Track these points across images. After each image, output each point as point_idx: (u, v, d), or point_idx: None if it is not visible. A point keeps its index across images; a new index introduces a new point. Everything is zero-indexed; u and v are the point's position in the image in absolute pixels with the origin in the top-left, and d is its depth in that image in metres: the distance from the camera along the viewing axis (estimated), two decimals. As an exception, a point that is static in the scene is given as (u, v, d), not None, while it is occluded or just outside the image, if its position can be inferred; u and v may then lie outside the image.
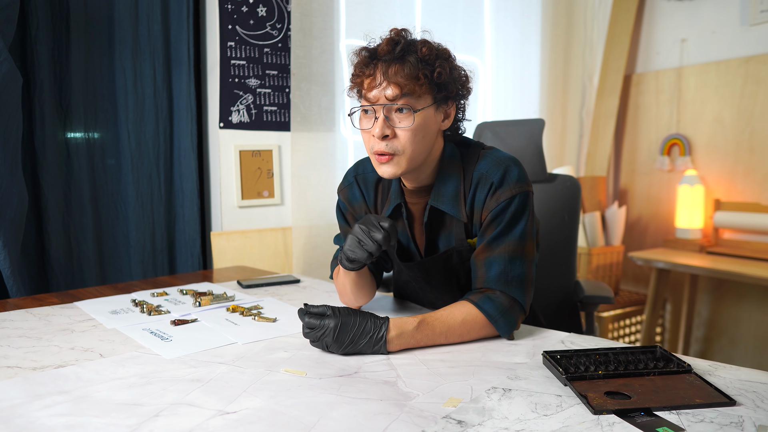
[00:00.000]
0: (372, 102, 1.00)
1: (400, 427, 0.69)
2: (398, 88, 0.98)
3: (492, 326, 1.02)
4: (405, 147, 1.00)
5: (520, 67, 2.92)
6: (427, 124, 1.02)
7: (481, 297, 1.03)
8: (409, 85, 0.98)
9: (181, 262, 2.02)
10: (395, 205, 1.13)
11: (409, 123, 0.99)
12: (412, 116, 0.99)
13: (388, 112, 1.00)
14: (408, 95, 0.98)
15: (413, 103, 0.99)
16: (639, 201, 3.18)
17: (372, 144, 1.02)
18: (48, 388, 0.80)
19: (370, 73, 1.00)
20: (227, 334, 1.06)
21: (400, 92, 0.98)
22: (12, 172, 1.51)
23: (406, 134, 1.00)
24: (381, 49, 0.99)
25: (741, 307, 2.75)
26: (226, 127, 2.05)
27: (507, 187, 1.04)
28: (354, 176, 1.21)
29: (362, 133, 1.05)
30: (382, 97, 0.99)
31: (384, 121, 0.99)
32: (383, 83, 0.98)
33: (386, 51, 0.99)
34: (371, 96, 1.00)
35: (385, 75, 0.98)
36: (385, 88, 0.98)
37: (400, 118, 1.00)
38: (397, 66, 0.98)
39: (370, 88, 1.00)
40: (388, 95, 0.98)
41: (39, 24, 1.68)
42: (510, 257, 1.04)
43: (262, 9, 2.08)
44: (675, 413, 0.72)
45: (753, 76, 2.67)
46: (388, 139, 1.00)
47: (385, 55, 0.99)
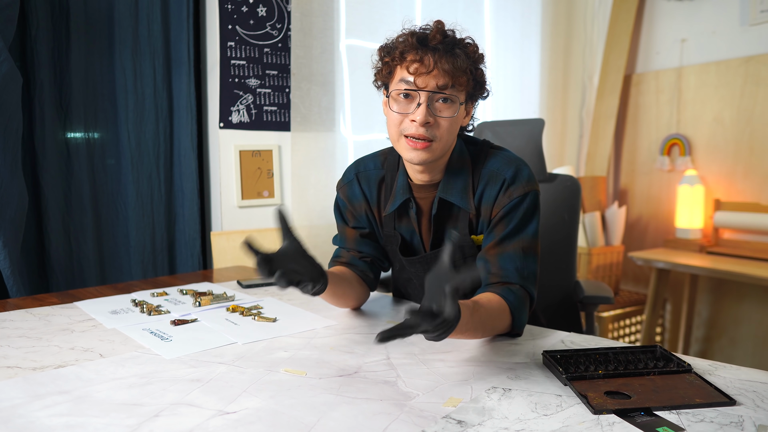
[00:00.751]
0: (420, 87, 1.00)
1: (400, 427, 0.69)
2: (449, 78, 0.99)
3: (509, 318, 1.01)
4: (443, 135, 1.02)
5: (520, 67, 2.92)
6: (460, 117, 1.05)
7: (502, 288, 1.03)
8: (458, 78, 0.99)
9: (181, 262, 2.02)
10: (404, 201, 1.12)
11: (452, 113, 1.01)
12: (457, 107, 1.01)
13: (430, 100, 1.00)
14: (454, 86, 1.00)
15: (456, 95, 1.01)
16: (639, 201, 3.18)
17: (406, 127, 1.02)
18: (48, 388, 0.80)
19: (417, 58, 1.00)
20: (227, 334, 1.06)
21: (450, 82, 0.99)
22: (12, 172, 1.51)
23: (446, 123, 1.01)
24: (432, 36, 1.00)
25: (741, 307, 2.75)
26: (226, 127, 2.05)
27: (520, 184, 1.06)
28: (355, 173, 1.20)
29: (394, 117, 1.04)
30: (432, 84, 0.99)
31: (427, 108, 0.99)
32: (434, 70, 0.99)
33: (438, 40, 1.00)
34: (419, 82, 1.00)
35: (437, 63, 0.99)
36: (435, 75, 0.99)
37: (442, 107, 1.01)
38: (449, 57, 0.99)
39: (418, 73, 1.00)
40: (439, 83, 0.99)
41: (39, 24, 1.68)
42: (524, 254, 1.05)
43: (262, 9, 2.08)
44: (675, 413, 0.72)
45: (753, 76, 2.67)
46: (429, 126, 1.01)
47: (437, 43, 1.00)
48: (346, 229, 1.23)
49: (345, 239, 1.23)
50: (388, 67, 1.05)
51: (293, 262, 0.93)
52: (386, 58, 1.04)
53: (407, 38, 1.02)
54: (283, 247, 0.94)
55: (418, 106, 1.00)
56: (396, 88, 1.03)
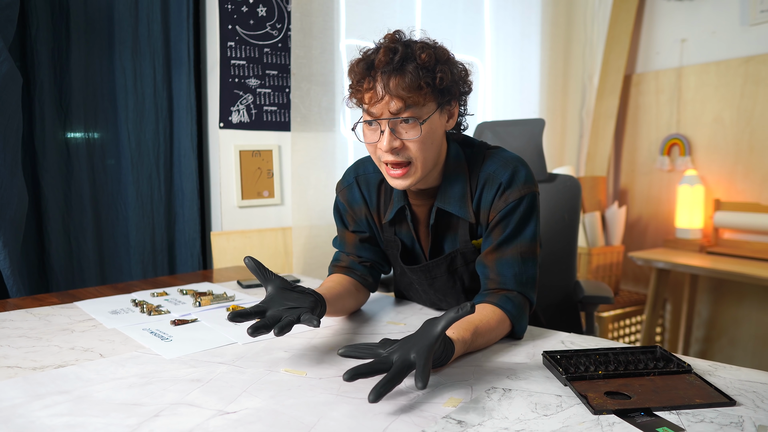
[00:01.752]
0: (376, 117, 0.97)
1: (400, 427, 0.69)
2: (401, 101, 0.94)
3: (510, 325, 1.01)
4: (416, 156, 0.98)
5: (520, 67, 2.92)
6: (434, 129, 1.00)
7: (500, 297, 1.02)
8: (412, 97, 0.94)
9: (181, 262, 2.02)
10: (399, 208, 1.11)
11: (416, 134, 0.97)
12: (419, 127, 0.96)
13: (394, 125, 0.97)
14: (412, 106, 0.95)
15: (418, 113, 0.96)
16: (639, 201, 3.18)
17: (380, 155, 1.00)
18: (48, 388, 0.80)
19: (369, 86, 0.96)
20: (227, 334, 1.06)
21: (404, 105, 0.95)
22: (12, 172, 1.51)
23: (414, 144, 0.97)
24: (378, 60, 0.95)
25: (741, 307, 2.75)
26: (226, 127, 2.05)
27: (516, 187, 1.03)
28: (354, 177, 1.18)
29: (368, 147, 1.02)
30: (386, 111, 0.95)
31: (390, 134, 0.96)
32: (385, 96, 0.95)
33: (384, 62, 0.95)
34: (374, 111, 0.96)
35: (386, 88, 0.94)
36: (387, 102, 0.95)
37: (406, 128, 0.97)
38: (398, 78, 0.94)
39: (372, 102, 0.96)
40: (392, 109, 0.95)
41: (39, 24, 1.68)
42: (522, 258, 1.04)
43: (262, 9, 2.08)
44: (675, 413, 0.72)
45: (753, 76, 2.67)
46: (398, 150, 0.98)
47: (383, 66, 0.95)
48: (345, 234, 1.21)
49: (345, 243, 1.21)
50: (352, 95, 1.02)
51: (285, 302, 0.91)
52: (350, 84, 1.02)
53: (357, 65, 0.99)
54: (269, 293, 0.93)
55: (381, 133, 0.97)
56: (362, 118, 1.00)
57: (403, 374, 0.75)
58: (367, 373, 0.75)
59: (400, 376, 0.74)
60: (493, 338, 0.99)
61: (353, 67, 1.00)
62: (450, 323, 0.79)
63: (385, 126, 0.96)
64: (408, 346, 0.78)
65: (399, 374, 0.74)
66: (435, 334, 0.78)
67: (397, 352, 0.78)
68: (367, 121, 0.99)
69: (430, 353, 0.76)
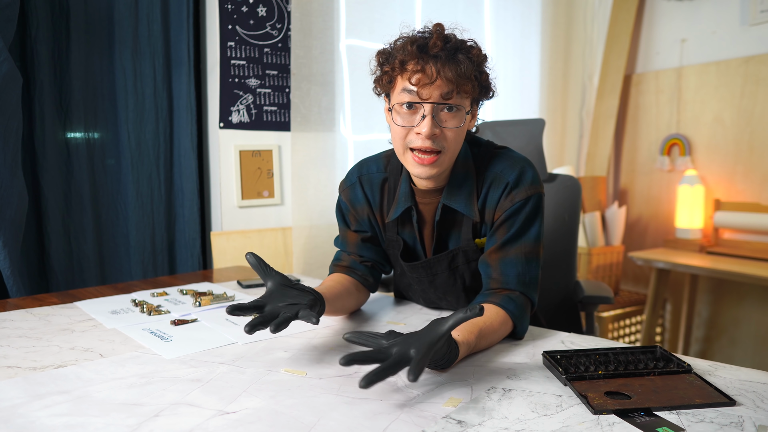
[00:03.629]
0: (423, 99, 0.96)
1: (400, 427, 0.69)
2: (453, 87, 0.95)
3: (511, 327, 1.01)
4: (450, 146, 0.99)
5: (520, 67, 2.92)
6: (467, 124, 1.01)
7: (502, 297, 1.02)
8: (463, 85, 0.95)
9: (181, 262, 2.02)
10: (406, 208, 1.11)
11: (459, 122, 0.97)
12: (463, 116, 0.98)
13: (436, 110, 0.97)
14: (459, 95, 0.96)
15: (463, 104, 0.98)
16: (639, 201, 3.18)
17: (411, 140, 0.99)
18: (48, 388, 0.80)
19: (419, 68, 0.95)
20: (227, 334, 1.06)
21: (454, 91, 0.95)
22: (12, 172, 1.51)
23: (452, 133, 0.98)
24: (433, 43, 0.96)
25: (741, 307, 2.75)
26: (226, 127, 2.05)
27: (523, 188, 1.03)
28: (357, 176, 1.18)
29: (398, 130, 1.00)
30: (436, 94, 0.95)
31: (432, 120, 0.96)
32: (437, 80, 0.95)
33: (439, 47, 0.95)
34: (423, 93, 0.96)
35: (440, 72, 0.95)
36: (439, 85, 0.95)
37: (447, 117, 0.97)
38: (452, 64, 0.94)
39: (422, 85, 0.95)
40: (443, 93, 0.95)
41: (39, 24, 1.68)
42: (526, 259, 1.04)
43: (262, 9, 2.08)
44: (675, 413, 0.72)
45: (753, 76, 2.67)
46: (436, 137, 0.97)
47: (438, 51, 0.95)
48: (347, 233, 1.21)
49: (346, 243, 1.21)
50: (388, 77, 1.00)
51: (284, 298, 0.91)
52: (386, 66, 1.00)
53: (406, 46, 0.97)
54: (269, 288, 0.93)
55: (422, 118, 0.96)
56: (398, 100, 0.99)
57: (399, 366, 0.75)
58: (363, 361, 0.75)
59: (395, 367, 0.74)
60: (496, 339, 0.99)
61: (402, 47, 0.98)
62: (457, 323, 0.78)
63: (429, 110, 0.96)
64: (411, 340, 0.78)
65: (394, 366, 0.74)
66: (440, 333, 0.78)
67: (398, 345, 0.78)
68: (409, 104, 0.98)
69: (429, 350, 0.76)
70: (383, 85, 1.03)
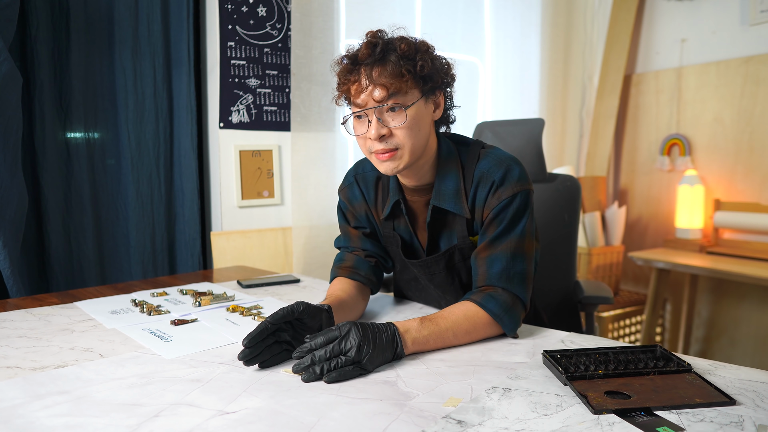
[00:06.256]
0: (362, 107, 1.01)
1: (400, 427, 0.69)
2: (385, 89, 0.98)
3: (497, 325, 1.02)
4: (404, 142, 1.01)
5: (520, 67, 2.92)
6: (420, 117, 1.03)
7: (483, 296, 1.02)
8: (395, 84, 0.98)
9: (181, 262, 2.02)
10: (394, 202, 1.13)
11: (402, 120, 1.00)
12: (404, 113, 1.00)
13: (380, 113, 1.00)
14: (395, 94, 0.99)
15: (403, 101, 1.00)
16: (639, 201, 3.18)
17: (369, 146, 1.03)
18: (48, 388, 0.80)
19: (354, 79, 1.01)
20: (227, 334, 1.06)
21: (387, 92, 0.99)
22: (12, 172, 1.51)
23: (401, 131, 1.01)
24: (361, 53, 1.00)
25: (741, 307, 2.75)
26: (226, 127, 2.05)
27: (509, 185, 1.05)
28: (354, 176, 1.22)
29: (358, 139, 1.05)
30: (371, 100, 0.99)
31: (378, 123, 1.00)
32: (369, 86, 0.99)
33: (367, 54, 0.99)
34: (360, 101, 1.00)
35: (369, 78, 0.99)
36: (371, 91, 0.99)
37: (392, 117, 1.00)
38: (380, 67, 0.99)
39: (358, 94, 1.00)
40: (376, 97, 0.99)
41: (39, 24, 1.68)
42: (512, 254, 1.04)
43: (262, 9, 2.08)
44: (675, 413, 0.72)
45: (753, 76, 2.67)
46: (386, 138, 1.01)
47: (366, 58, 0.99)
48: (349, 229, 1.24)
49: (349, 238, 1.24)
50: (340, 94, 1.06)
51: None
52: (337, 85, 1.06)
53: (341, 62, 1.04)
54: None
55: (369, 123, 1.00)
56: (350, 113, 1.05)
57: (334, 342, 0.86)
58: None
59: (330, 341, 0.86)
60: (472, 333, 1.00)
61: (339, 64, 1.05)
62: None
63: (372, 115, 1.00)
64: None
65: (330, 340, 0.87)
66: None
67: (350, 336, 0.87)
68: (356, 114, 1.03)
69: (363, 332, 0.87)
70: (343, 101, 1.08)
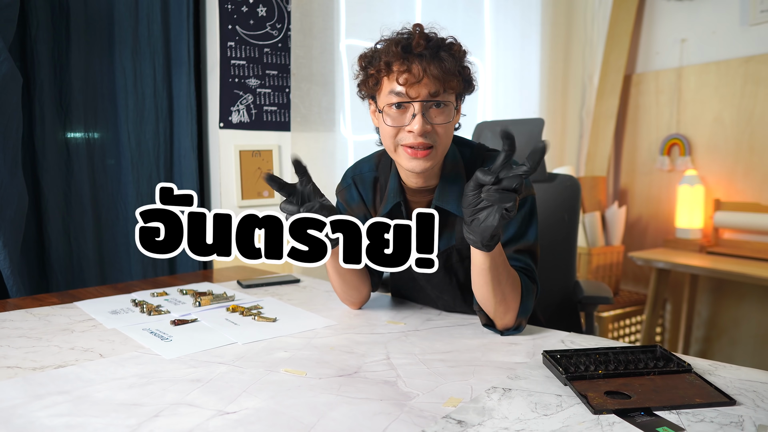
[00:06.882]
0: (412, 98, 0.99)
1: (400, 427, 0.69)
2: (440, 84, 0.98)
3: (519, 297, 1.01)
4: (441, 140, 1.01)
5: (520, 67, 2.92)
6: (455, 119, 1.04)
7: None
8: (449, 82, 0.98)
9: (181, 262, 2.02)
10: (394, 204, 1.13)
11: (448, 118, 1.00)
12: (452, 112, 1.01)
13: (426, 107, 0.99)
14: (446, 91, 0.99)
15: (450, 98, 1.00)
16: (639, 201, 3.18)
17: (402, 138, 1.01)
18: (48, 388, 0.80)
19: (405, 68, 0.98)
20: (227, 334, 1.06)
21: (441, 88, 0.98)
22: (12, 172, 1.51)
23: (443, 129, 1.01)
24: (416, 43, 0.98)
25: (741, 307, 2.75)
26: (226, 127, 2.05)
27: None
28: (352, 177, 1.22)
29: (389, 130, 1.02)
30: (423, 92, 0.98)
31: (422, 117, 0.98)
32: (423, 79, 0.97)
33: (423, 46, 0.98)
34: (411, 92, 0.98)
35: (426, 71, 0.97)
36: (426, 84, 0.98)
37: (436, 113, 1.00)
38: (437, 62, 0.98)
39: (409, 84, 0.98)
40: (431, 91, 0.98)
41: (39, 24, 1.68)
42: (521, 256, 1.07)
43: (262, 9, 2.08)
44: (675, 413, 0.72)
45: (753, 76, 2.67)
46: (427, 134, 1.00)
47: (422, 50, 0.98)
48: None
49: None
50: (374, 79, 1.03)
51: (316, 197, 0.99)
52: (370, 69, 1.02)
53: (390, 47, 1.00)
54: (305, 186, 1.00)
55: (413, 116, 0.99)
56: (387, 101, 1.01)
57: None
58: None
59: None
60: (510, 278, 0.99)
61: (386, 49, 1.00)
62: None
63: (419, 108, 0.98)
64: None
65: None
66: None
67: None
68: (398, 104, 1.00)
69: None
70: (369, 87, 1.05)
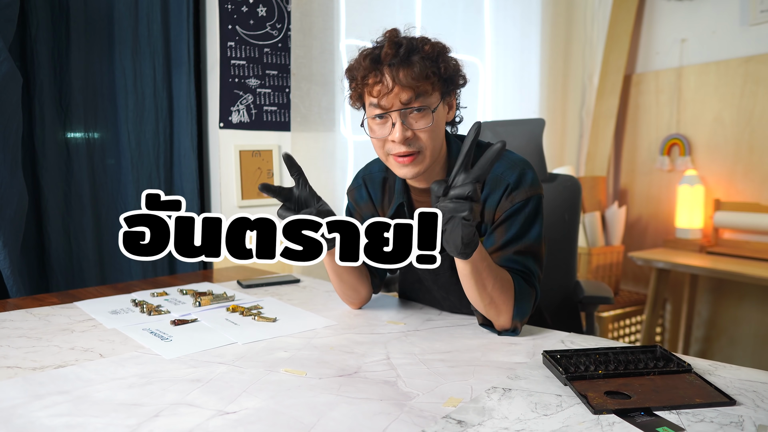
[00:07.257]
0: (387, 108, 0.99)
1: (400, 427, 0.69)
2: (411, 91, 0.98)
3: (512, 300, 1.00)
4: (427, 144, 1.01)
5: (520, 67, 2.92)
6: (440, 119, 1.03)
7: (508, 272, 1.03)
8: (421, 86, 0.98)
9: (181, 262, 2.02)
10: (398, 204, 1.13)
11: (428, 122, 1.00)
12: (431, 116, 1.00)
13: (404, 116, 0.99)
14: (421, 96, 0.99)
15: (428, 102, 1.00)
16: (639, 201, 3.17)
17: (389, 148, 1.02)
18: (48, 388, 0.80)
19: (377, 80, 0.99)
20: (227, 334, 1.06)
21: (414, 94, 0.98)
22: (12, 172, 1.51)
23: (425, 134, 1.00)
24: (384, 53, 0.98)
25: (741, 307, 2.75)
26: (226, 127, 2.05)
27: (523, 189, 1.05)
28: (362, 178, 1.23)
29: (375, 142, 1.04)
30: (397, 102, 0.98)
31: (402, 125, 0.98)
32: (395, 88, 0.98)
33: (391, 54, 0.98)
34: (384, 103, 0.99)
35: (395, 80, 0.97)
36: (398, 93, 0.98)
37: (416, 118, 1.00)
38: (406, 68, 0.97)
39: (381, 95, 0.99)
40: (403, 99, 0.98)
41: (39, 24, 1.68)
42: (524, 257, 1.05)
43: (262, 9, 2.08)
44: (675, 413, 0.72)
45: (753, 76, 2.67)
46: (409, 140, 1.00)
47: (390, 59, 0.98)
48: None
49: None
50: (356, 93, 1.04)
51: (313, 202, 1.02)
52: (351, 83, 1.04)
53: (361, 62, 1.01)
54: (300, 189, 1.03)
55: (392, 126, 0.99)
56: (369, 113, 1.03)
57: None
58: None
59: None
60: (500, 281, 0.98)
61: (358, 64, 1.02)
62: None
63: (396, 118, 0.99)
64: None
65: None
66: None
67: None
68: (377, 115, 1.01)
69: None
70: (355, 101, 1.07)
